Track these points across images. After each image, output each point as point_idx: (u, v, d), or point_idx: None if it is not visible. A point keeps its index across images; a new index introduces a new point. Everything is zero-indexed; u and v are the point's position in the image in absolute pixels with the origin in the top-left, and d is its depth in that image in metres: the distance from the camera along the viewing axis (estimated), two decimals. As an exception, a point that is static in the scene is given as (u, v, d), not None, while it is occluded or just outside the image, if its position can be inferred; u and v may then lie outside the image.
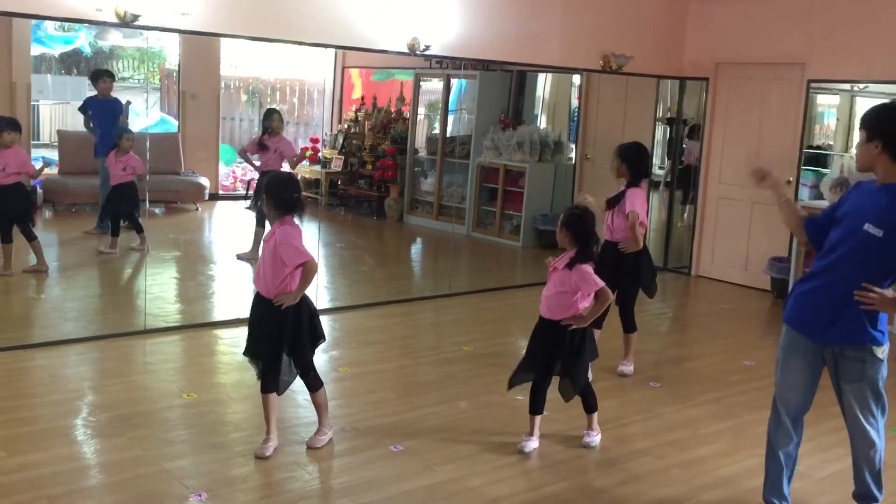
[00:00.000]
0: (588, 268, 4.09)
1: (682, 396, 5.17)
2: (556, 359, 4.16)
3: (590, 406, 4.35)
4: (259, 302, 4.02)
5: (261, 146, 7.79)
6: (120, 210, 7.34)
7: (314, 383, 4.13)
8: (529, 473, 4.04)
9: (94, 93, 7.60)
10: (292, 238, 3.91)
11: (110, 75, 7.66)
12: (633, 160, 5.35)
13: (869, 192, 3.31)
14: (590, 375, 4.34)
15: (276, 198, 3.96)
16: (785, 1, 7.76)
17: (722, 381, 5.52)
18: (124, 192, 7.23)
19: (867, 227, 3.21)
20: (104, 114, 7.46)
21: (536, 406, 4.22)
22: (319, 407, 4.18)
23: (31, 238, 6.69)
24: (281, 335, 3.94)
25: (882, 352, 3.33)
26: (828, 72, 7.60)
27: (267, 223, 7.69)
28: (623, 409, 4.91)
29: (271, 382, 4.02)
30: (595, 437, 4.36)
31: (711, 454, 4.34)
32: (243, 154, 8.21)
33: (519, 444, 4.23)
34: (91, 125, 7.62)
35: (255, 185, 8.15)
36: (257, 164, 7.88)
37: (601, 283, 4.10)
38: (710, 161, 8.54)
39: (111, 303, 6.79)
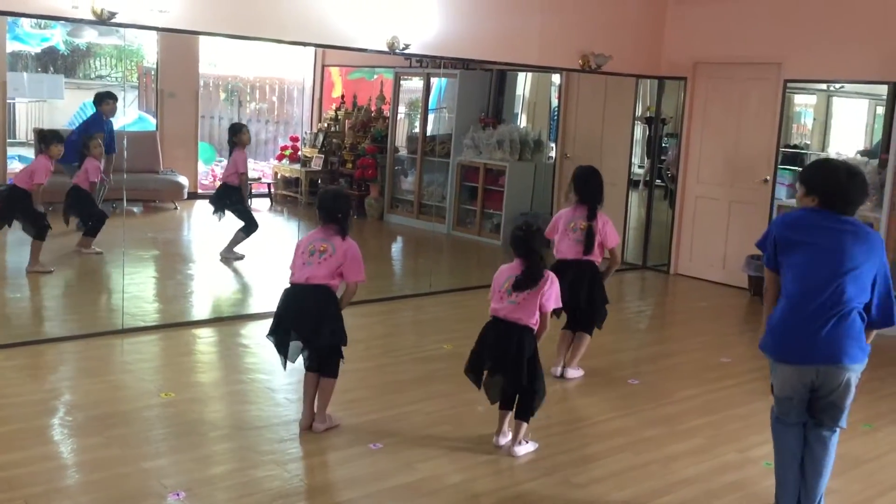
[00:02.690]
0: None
1: (660, 393, 5.20)
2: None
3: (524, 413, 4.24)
4: None
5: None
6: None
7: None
8: (509, 470, 4.05)
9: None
10: (299, 245, 4.43)
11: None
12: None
13: None
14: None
15: (322, 210, 4.50)
16: (762, 1, 7.83)
17: (700, 378, 5.57)
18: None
19: None
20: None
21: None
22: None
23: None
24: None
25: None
26: (804, 71, 7.68)
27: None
28: (601, 406, 4.94)
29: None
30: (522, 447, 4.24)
31: (689, 450, 4.37)
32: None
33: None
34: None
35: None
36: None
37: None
38: (689, 160, 8.60)
39: (88, 302, 6.74)
